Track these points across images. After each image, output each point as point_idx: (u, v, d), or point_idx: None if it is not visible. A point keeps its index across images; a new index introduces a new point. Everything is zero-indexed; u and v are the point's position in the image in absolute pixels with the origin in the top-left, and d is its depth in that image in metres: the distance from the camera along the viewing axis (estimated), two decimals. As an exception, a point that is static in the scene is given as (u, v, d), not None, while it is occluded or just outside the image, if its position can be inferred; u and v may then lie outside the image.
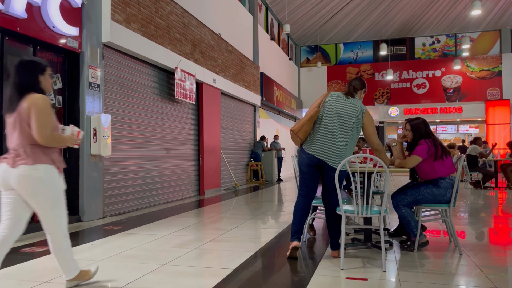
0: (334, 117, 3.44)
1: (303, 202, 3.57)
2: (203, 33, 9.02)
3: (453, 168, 3.77)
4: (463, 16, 17.01)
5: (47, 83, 2.72)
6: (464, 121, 19.14)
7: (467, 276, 3.06)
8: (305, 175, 3.53)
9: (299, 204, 3.56)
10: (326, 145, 3.41)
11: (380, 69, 19.32)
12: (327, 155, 3.40)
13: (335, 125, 3.42)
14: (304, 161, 3.50)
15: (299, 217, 3.54)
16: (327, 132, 3.43)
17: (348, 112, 3.45)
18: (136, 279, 2.97)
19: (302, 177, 3.56)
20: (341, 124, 3.43)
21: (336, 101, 3.49)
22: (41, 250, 3.91)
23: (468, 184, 10.32)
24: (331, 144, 3.40)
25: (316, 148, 3.44)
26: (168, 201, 7.70)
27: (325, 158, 3.40)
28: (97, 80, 5.73)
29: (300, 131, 3.48)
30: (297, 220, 3.54)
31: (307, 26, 18.15)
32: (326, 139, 3.42)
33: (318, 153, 3.42)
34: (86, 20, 5.59)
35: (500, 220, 5.58)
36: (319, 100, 3.58)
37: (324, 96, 3.57)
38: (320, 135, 3.44)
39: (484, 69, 18.22)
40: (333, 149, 3.39)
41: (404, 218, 3.75)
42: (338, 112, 3.45)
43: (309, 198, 3.58)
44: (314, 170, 3.51)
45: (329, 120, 3.45)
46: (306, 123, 3.48)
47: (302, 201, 3.57)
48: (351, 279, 2.94)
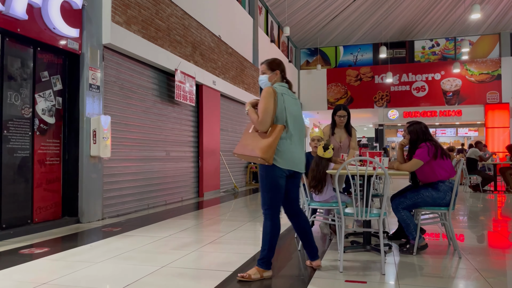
0: (293, 120, 3.04)
1: (294, 222, 3.19)
2: (203, 35, 9.03)
3: (453, 171, 3.78)
4: (463, 19, 17.05)
5: None
6: (463, 124, 19.14)
7: (466, 279, 3.06)
8: (282, 190, 3.02)
9: (269, 231, 3.03)
10: (299, 151, 3.10)
11: (380, 72, 19.33)
12: (300, 160, 3.10)
13: (297, 129, 3.08)
14: (283, 173, 2.99)
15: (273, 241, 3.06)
16: (295, 137, 3.07)
17: (300, 113, 3.18)
18: (135, 281, 2.97)
19: (279, 192, 3.01)
20: (301, 126, 3.16)
21: (289, 102, 3.04)
22: (40, 251, 3.91)
23: (467, 187, 10.33)
24: (302, 147, 3.14)
25: (294, 156, 3.03)
26: (167, 203, 7.70)
27: (301, 166, 3.11)
28: (97, 81, 5.73)
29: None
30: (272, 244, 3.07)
31: (307, 28, 18.18)
32: (300, 146, 3.13)
33: (296, 162, 3.05)
34: (87, 21, 5.60)
35: (499, 223, 5.58)
36: (271, 100, 2.93)
37: (274, 96, 2.95)
38: (295, 142, 3.06)
39: (483, 72, 18.24)
40: (302, 153, 3.15)
41: (403, 221, 3.76)
42: (295, 115, 3.07)
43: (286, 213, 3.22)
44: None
45: (292, 125, 3.03)
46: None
47: (294, 224, 3.18)
48: (350, 282, 2.94)
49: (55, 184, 5.40)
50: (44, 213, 5.18)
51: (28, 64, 4.99)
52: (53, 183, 5.36)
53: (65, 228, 5.12)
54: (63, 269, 3.28)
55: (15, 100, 4.79)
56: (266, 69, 3.14)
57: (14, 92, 4.79)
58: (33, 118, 5.05)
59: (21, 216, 4.85)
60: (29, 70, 5.00)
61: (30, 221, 4.97)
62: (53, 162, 5.37)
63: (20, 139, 4.86)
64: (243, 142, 3.04)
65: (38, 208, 5.09)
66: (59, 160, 5.47)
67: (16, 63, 4.83)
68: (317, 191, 3.90)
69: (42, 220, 5.14)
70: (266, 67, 3.15)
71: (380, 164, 3.22)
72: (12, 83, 4.76)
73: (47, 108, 5.27)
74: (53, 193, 5.35)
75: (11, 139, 4.74)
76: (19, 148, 4.84)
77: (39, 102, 5.13)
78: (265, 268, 3.02)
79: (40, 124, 5.16)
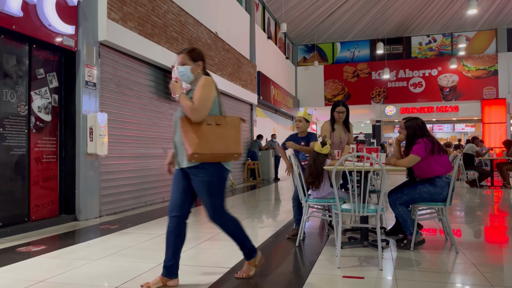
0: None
1: (178, 226, 2.81)
2: (199, 32, 9.00)
3: (450, 167, 3.78)
4: (460, 15, 17.05)
5: None
6: (460, 120, 19.20)
7: (463, 274, 3.07)
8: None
9: (237, 224, 2.82)
10: None
11: (377, 68, 19.34)
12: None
13: None
14: (227, 175, 2.78)
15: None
16: None
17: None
18: (133, 278, 2.96)
19: (225, 189, 2.78)
20: None
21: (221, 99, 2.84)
22: (37, 249, 3.90)
23: (464, 183, 10.36)
24: None
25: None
26: (165, 200, 7.69)
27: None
28: (93, 79, 5.70)
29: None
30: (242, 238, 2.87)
31: (304, 25, 18.15)
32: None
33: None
34: (82, 18, 5.57)
35: (496, 218, 5.60)
36: (213, 90, 2.72)
37: (215, 87, 2.75)
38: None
39: (480, 68, 18.28)
40: None
41: (400, 216, 3.76)
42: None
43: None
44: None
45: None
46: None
47: (177, 225, 2.80)
48: (348, 277, 2.95)
49: (52, 182, 5.38)
50: (41, 211, 5.17)
51: (23, 62, 4.96)
52: (50, 180, 5.35)
53: (62, 226, 5.11)
54: (60, 267, 3.28)
55: (11, 98, 4.77)
56: (187, 60, 2.78)
57: (10, 90, 4.76)
58: (29, 116, 5.02)
59: (18, 214, 4.84)
60: (24, 68, 4.97)
61: (27, 219, 4.96)
62: (49, 159, 5.35)
63: (16, 137, 4.84)
64: (207, 138, 2.58)
65: (35, 206, 5.08)
66: (55, 157, 5.45)
67: (12, 61, 4.80)
68: (314, 187, 3.90)
69: (39, 218, 5.12)
70: (187, 57, 2.78)
71: (377, 160, 3.22)
72: (7, 80, 4.73)
73: (43, 105, 5.25)
74: (50, 190, 5.34)
75: (7, 137, 4.72)
76: (15, 146, 4.82)
77: (35, 99, 5.11)
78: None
79: (36, 122, 5.14)
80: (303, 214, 3.99)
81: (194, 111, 2.58)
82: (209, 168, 2.64)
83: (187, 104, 2.59)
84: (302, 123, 4.39)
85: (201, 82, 2.69)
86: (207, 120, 2.63)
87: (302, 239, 4.18)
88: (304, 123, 4.40)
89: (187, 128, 2.60)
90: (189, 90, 2.77)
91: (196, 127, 2.60)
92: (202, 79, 2.71)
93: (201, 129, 2.59)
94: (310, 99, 20.07)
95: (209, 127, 2.62)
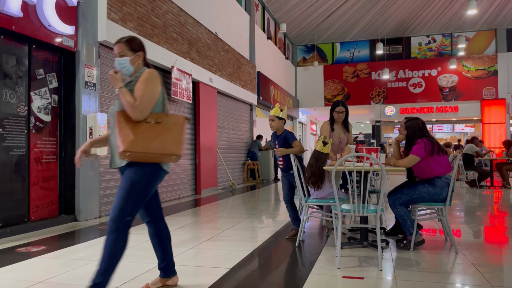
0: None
1: (155, 227, 2.70)
2: (199, 32, 9.00)
3: (449, 167, 3.78)
4: (459, 15, 17.06)
5: None
6: (460, 120, 19.20)
7: (462, 274, 3.07)
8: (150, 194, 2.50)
9: (123, 250, 2.40)
10: None
11: (377, 69, 19.34)
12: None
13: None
14: (162, 176, 2.55)
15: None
16: None
17: None
18: (133, 279, 2.96)
19: (147, 197, 2.47)
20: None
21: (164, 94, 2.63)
22: (36, 249, 3.89)
23: (464, 183, 10.36)
24: None
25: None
26: (165, 200, 7.69)
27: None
28: (93, 79, 5.70)
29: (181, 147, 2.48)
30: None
31: (304, 25, 18.15)
32: None
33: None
34: (82, 19, 5.57)
35: (496, 219, 5.60)
36: (158, 85, 2.49)
37: (160, 81, 2.53)
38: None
39: (479, 68, 18.28)
40: None
41: (400, 216, 3.77)
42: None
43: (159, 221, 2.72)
44: None
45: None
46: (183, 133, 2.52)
47: (154, 228, 2.70)
48: (347, 278, 2.95)
49: (52, 182, 5.38)
50: (40, 211, 5.16)
51: (23, 62, 4.96)
52: (50, 181, 5.35)
53: (62, 226, 5.10)
54: (60, 267, 3.28)
55: (11, 98, 4.77)
56: (126, 50, 2.50)
57: (10, 90, 4.76)
58: (29, 116, 5.02)
59: (17, 214, 4.83)
60: (24, 68, 4.97)
61: (26, 219, 4.96)
62: (49, 160, 5.35)
63: (16, 138, 4.84)
64: (142, 136, 2.34)
65: (35, 206, 5.08)
66: (55, 158, 5.45)
67: (11, 61, 4.80)
68: (316, 186, 3.89)
69: (38, 218, 5.12)
70: (126, 47, 2.50)
71: (377, 160, 3.22)
72: (7, 81, 4.73)
73: (43, 106, 5.25)
74: (49, 191, 5.33)
75: (7, 138, 4.72)
76: (15, 146, 4.82)
77: (34, 100, 5.11)
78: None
79: (36, 122, 5.14)
80: (303, 214, 3.99)
81: (136, 109, 2.33)
82: (143, 167, 2.39)
83: (128, 101, 2.33)
84: (274, 122, 4.25)
85: (144, 76, 2.43)
86: (146, 117, 2.39)
87: (302, 239, 4.18)
88: (277, 122, 4.25)
89: (122, 124, 2.35)
90: (129, 82, 2.50)
91: (133, 124, 2.35)
92: (146, 72, 2.44)
93: (138, 127, 2.35)
94: (309, 99, 20.07)
95: (147, 125, 2.37)
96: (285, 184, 4.39)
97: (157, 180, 2.49)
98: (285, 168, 4.32)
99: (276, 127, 4.29)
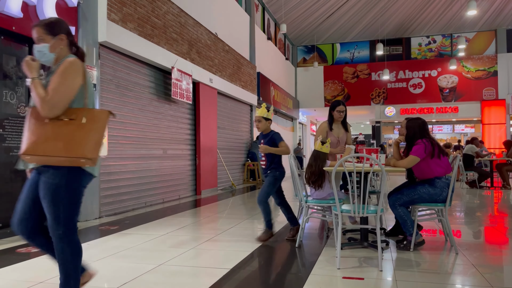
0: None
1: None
2: (199, 33, 9.00)
3: (449, 168, 3.78)
4: (459, 16, 17.07)
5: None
6: (460, 121, 19.20)
7: (463, 275, 3.07)
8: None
9: (78, 256, 2.17)
10: None
11: (377, 69, 19.35)
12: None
13: None
14: (90, 179, 2.21)
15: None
16: None
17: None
18: (133, 279, 2.96)
19: (79, 199, 2.15)
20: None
21: (91, 87, 2.29)
22: (37, 250, 3.89)
23: (464, 184, 10.36)
24: None
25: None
26: (165, 201, 7.69)
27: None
28: (93, 80, 5.70)
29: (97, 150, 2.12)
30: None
31: (304, 26, 18.16)
32: None
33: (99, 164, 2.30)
34: (82, 19, 5.57)
35: (496, 219, 5.60)
36: (78, 78, 2.12)
37: (83, 72, 2.17)
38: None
39: (479, 69, 18.29)
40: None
41: (400, 217, 3.77)
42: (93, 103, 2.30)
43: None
44: None
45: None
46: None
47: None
48: (347, 278, 2.95)
49: (52, 183, 5.37)
50: (41, 212, 5.16)
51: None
52: (50, 181, 5.34)
53: (62, 227, 5.09)
54: (60, 268, 3.27)
55: (11, 98, 4.77)
56: (45, 34, 2.16)
57: (10, 91, 4.76)
58: (29, 117, 5.02)
59: (17, 215, 4.83)
60: (24, 69, 4.97)
61: (27, 220, 4.95)
62: (49, 160, 5.34)
63: (16, 138, 4.84)
64: (46, 137, 2.02)
65: (35, 207, 5.07)
66: (55, 158, 5.44)
67: (12, 62, 4.80)
68: (317, 186, 3.89)
69: (39, 219, 5.12)
70: (44, 31, 2.16)
71: (377, 161, 3.22)
72: (7, 81, 4.73)
73: (43, 106, 5.24)
74: (49, 191, 5.33)
75: (7, 138, 4.72)
76: (15, 147, 4.82)
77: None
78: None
79: (36, 123, 5.13)
80: (303, 214, 3.99)
81: (45, 104, 2.00)
82: (58, 168, 2.06)
83: (39, 94, 2.01)
84: (261, 123, 4.21)
85: (62, 66, 2.09)
86: (60, 114, 2.05)
87: (301, 240, 4.17)
88: (263, 123, 4.21)
89: (31, 121, 2.05)
90: (49, 72, 2.17)
91: (40, 122, 2.04)
92: (65, 62, 2.10)
93: (45, 125, 2.03)
94: (309, 100, 20.08)
95: (56, 124, 2.03)
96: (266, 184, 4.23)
97: (80, 183, 2.13)
98: (266, 168, 4.25)
99: (263, 128, 4.25)
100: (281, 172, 4.22)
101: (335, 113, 4.62)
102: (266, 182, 4.21)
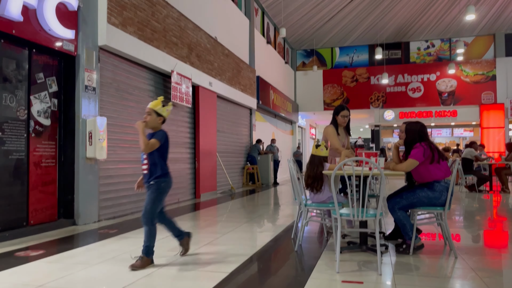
0: None
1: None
2: (199, 37, 9.03)
3: (448, 171, 3.79)
4: (458, 20, 17.13)
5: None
6: (459, 125, 19.23)
7: (462, 279, 3.07)
8: None
9: None
10: None
11: (376, 73, 19.39)
12: None
13: None
14: None
15: None
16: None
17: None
18: (131, 283, 2.96)
19: None
20: None
21: None
22: (35, 253, 3.89)
23: (463, 187, 10.37)
24: None
25: None
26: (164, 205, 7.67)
27: None
28: (93, 83, 5.71)
29: None
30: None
31: (303, 30, 18.21)
32: None
33: None
34: (82, 23, 5.59)
35: (495, 223, 5.60)
36: None
37: None
38: None
39: (478, 73, 18.34)
40: None
41: (399, 221, 3.77)
42: None
43: None
44: None
45: None
46: None
47: None
48: (347, 282, 2.95)
49: (51, 186, 5.37)
50: (40, 215, 5.15)
51: (23, 66, 4.97)
52: (49, 185, 5.34)
53: (61, 230, 5.09)
54: (59, 271, 3.27)
55: (10, 102, 4.77)
56: None
57: (9, 94, 4.77)
58: (29, 120, 5.03)
59: (16, 218, 4.83)
60: (24, 72, 4.98)
61: (25, 223, 4.95)
62: (48, 163, 5.34)
63: (16, 141, 4.84)
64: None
65: (34, 210, 5.07)
66: (54, 161, 5.45)
67: (11, 65, 4.81)
68: (314, 189, 3.89)
69: (38, 222, 5.11)
70: None
71: (376, 164, 3.23)
72: (7, 85, 4.74)
73: (43, 110, 5.25)
74: (49, 195, 5.33)
75: (6, 141, 4.72)
76: (14, 150, 4.82)
77: (34, 104, 5.11)
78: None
79: (36, 126, 5.14)
80: (302, 218, 3.99)
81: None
82: None
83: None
84: (151, 117, 3.40)
85: None
86: None
87: (300, 243, 4.17)
88: (153, 118, 3.40)
89: None
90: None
91: None
92: None
93: None
94: (309, 103, 20.09)
95: None
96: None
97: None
98: (148, 176, 3.54)
99: (152, 125, 3.42)
100: (167, 182, 3.56)
101: (339, 118, 4.60)
102: (149, 197, 3.53)
